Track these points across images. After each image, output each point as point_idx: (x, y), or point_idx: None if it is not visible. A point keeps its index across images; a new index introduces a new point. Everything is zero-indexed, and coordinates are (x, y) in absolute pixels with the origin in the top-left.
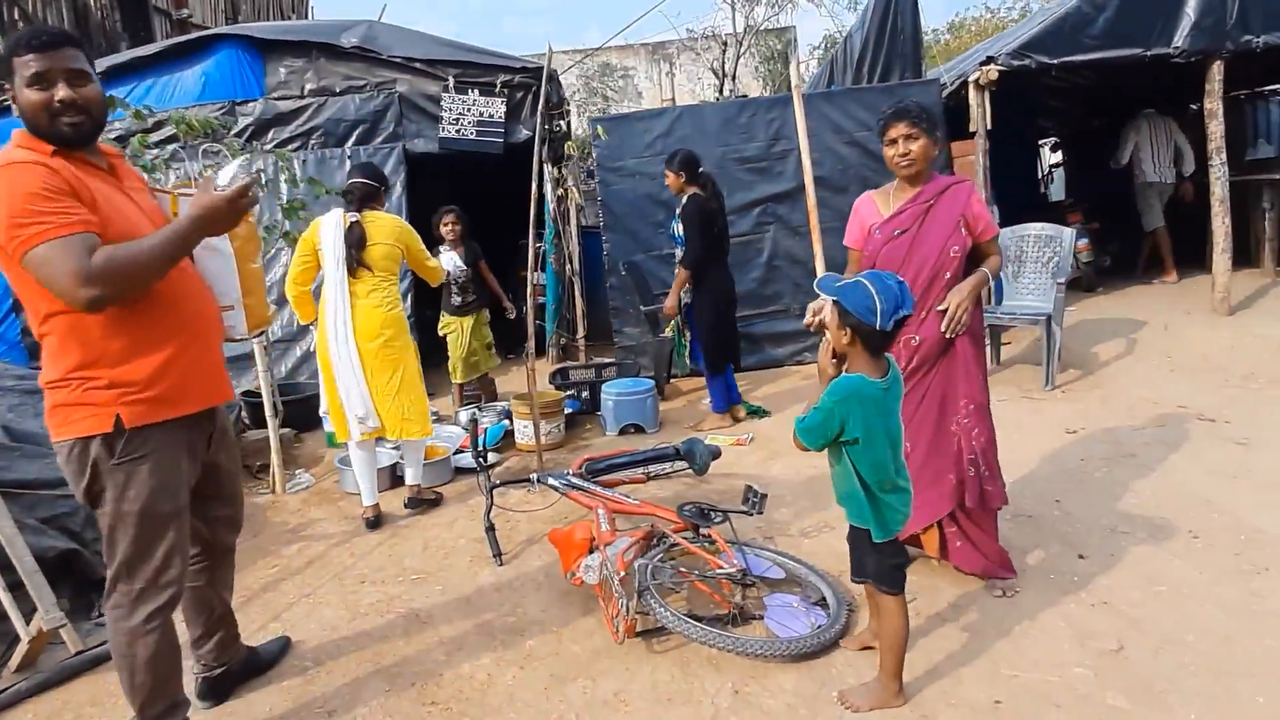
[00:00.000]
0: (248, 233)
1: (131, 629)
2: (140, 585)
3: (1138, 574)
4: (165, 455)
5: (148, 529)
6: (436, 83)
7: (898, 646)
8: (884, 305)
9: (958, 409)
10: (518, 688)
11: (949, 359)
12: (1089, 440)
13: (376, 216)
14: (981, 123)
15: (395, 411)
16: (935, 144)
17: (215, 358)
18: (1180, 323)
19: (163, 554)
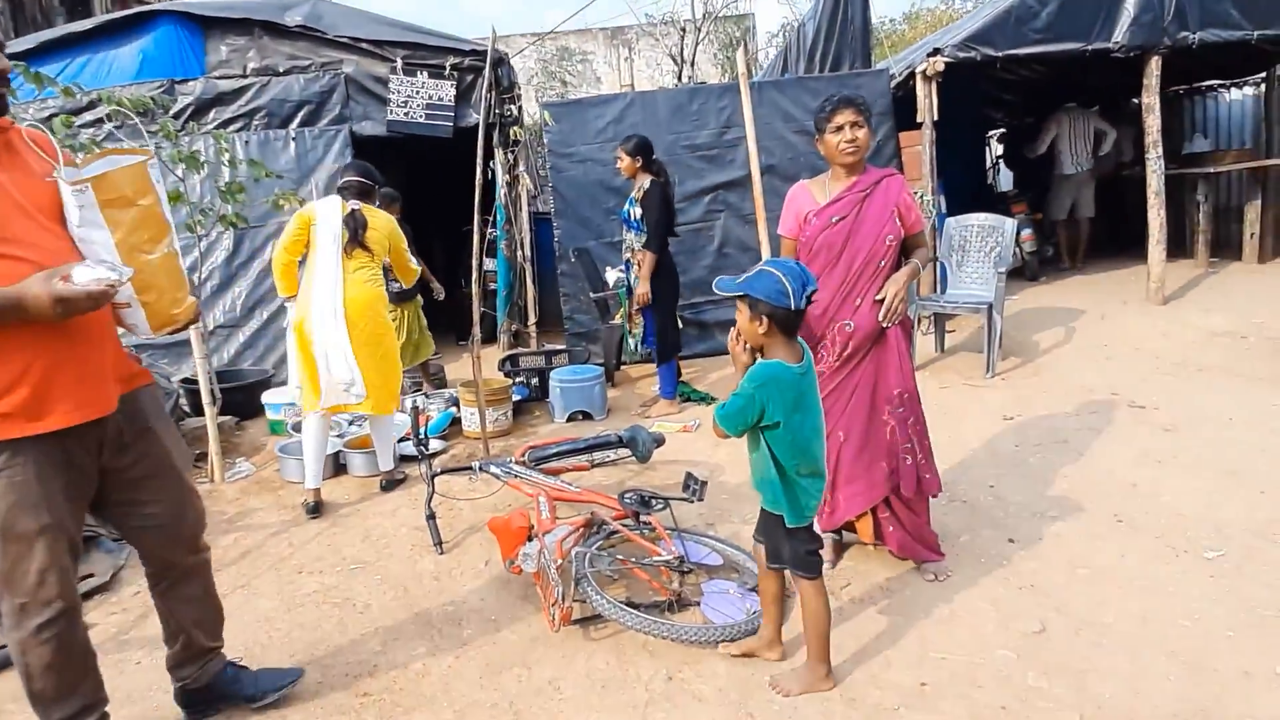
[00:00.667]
0: (138, 220)
1: (22, 640)
2: (21, 600)
3: (1063, 557)
4: (25, 471)
5: (12, 547)
6: (384, 64)
7: (821, 630)
8: (793, 285)
9: (891, 398)
10: (452, 677)
11: (881, 348)
12: (1025, 426)
13: (374, 212)
14: (928, 113)
15: (376, 383)
16: (872, 135)
17: (92, 366)
18: (1117, 312)
19: (36, 572)
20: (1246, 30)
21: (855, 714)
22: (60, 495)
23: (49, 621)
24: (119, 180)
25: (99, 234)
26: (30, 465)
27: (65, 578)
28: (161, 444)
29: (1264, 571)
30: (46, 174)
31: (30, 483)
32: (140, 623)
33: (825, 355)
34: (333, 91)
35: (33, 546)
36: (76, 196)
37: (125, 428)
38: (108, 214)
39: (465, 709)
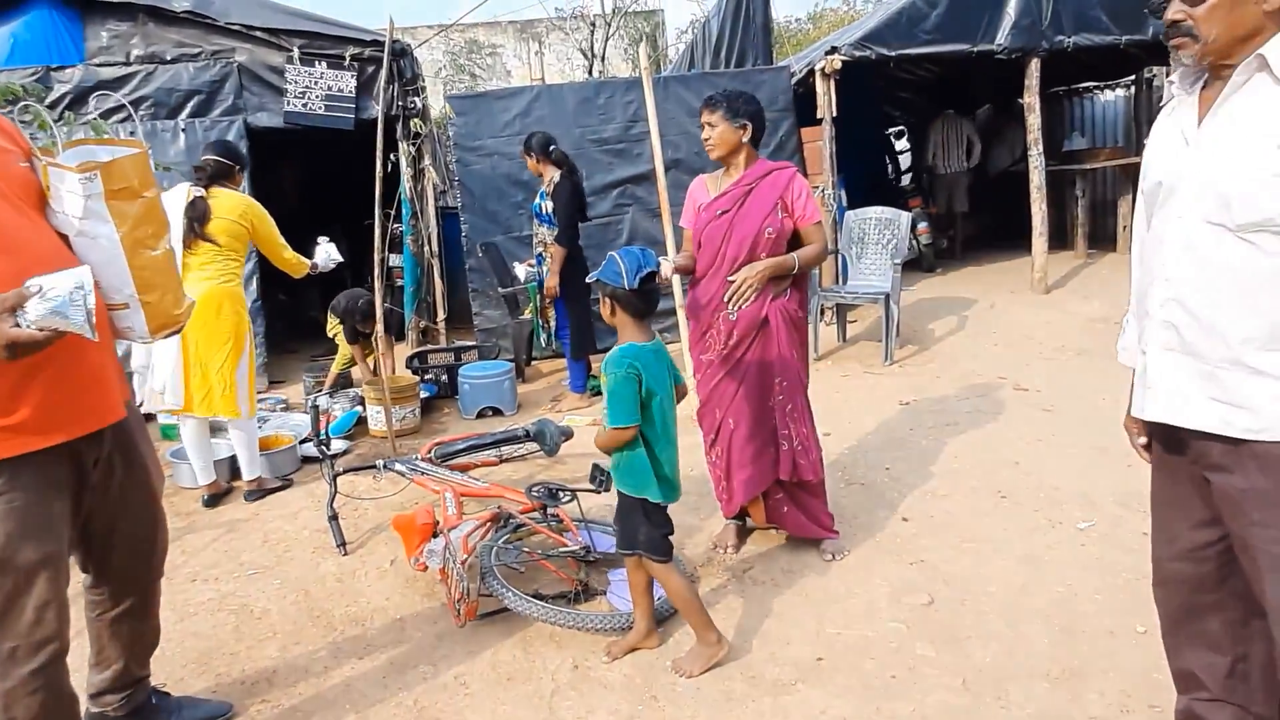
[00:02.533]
0: (142, 213)
1: (8, 691)
2: (11, 644)
3: (951, 533)
4: (26, 495)
5: (9, 582)
6: (280, 53)
7: (691, 604)
8: (628, 266)
9: (774, 386)
10: (355, 678)
11: (764, 338)
12: (919, 410)
13: (223, 193)
14: (827, 110)
15: (215, 387)
16: (740, 130)
17: (92, 373)
18: (1005, 301)
19: (34, 609)
20: (1116, 35)
21: (755, 690)
22: (59, 520)
23: (41, 667)
24: (127, 169)
25: (103, 227)
26: (32, 487)
27: (64, 614)
28: (144, 462)
29: (1128, 538)
30: (17, 160)
31: (32, 507)
32: None
33: (712, 344)
34: (225, 81)
35: (33, 580)
36: (84, 185)
37: (120, 443)
38: (112, 205)
39: (369, 710)
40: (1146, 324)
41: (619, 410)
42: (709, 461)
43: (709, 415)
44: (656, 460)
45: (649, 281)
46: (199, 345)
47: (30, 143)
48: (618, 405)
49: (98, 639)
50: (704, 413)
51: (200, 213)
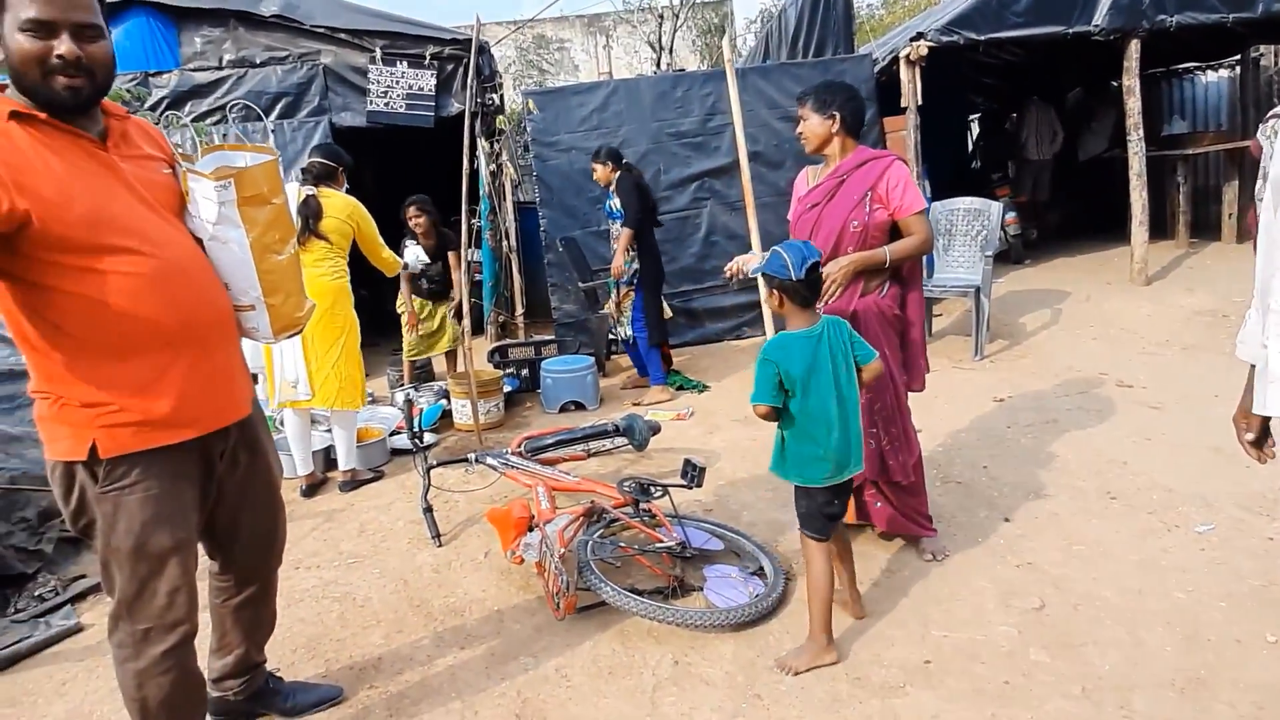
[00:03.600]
0: (270, 219)
1: (140, 671)
2: (144, 626)
3: (1059, 535)
4: (160, 484)
5: (144, 567)
6: (363, 54)
7: (822, 596)
8: (793, 259)
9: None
10: (458, 667)
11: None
12: (1015, 407)
13: (330, 193)
14: (912, 98)
15: (333, 379)
16: (829, 121)
17: (222, 370)
18: (1101, 293)
19: (166, 593)
20: (1222, 13)
21: (861, 693)
22: (191, 508)
23: (173, 648)
24: (258, 177)
25: (234, 232)
26: (166, 477)
27: (193, 597)
28: (266, 455)
29: (1252, 543)
30: (162, 167)
31: (166, 496)
32: None
33: None
34: (311, 82)
35: (165, 565)
36: (218, 192)
37: (244, 437)
38: (245, 211)
39: (473, 699)
40: (1270, 318)
41: (755, 390)
42: None
43: None
44: (812, 440)
45: (813, 271)
46: (314, 340)
47: (173, 149)
48: (757, 384)
49: (220, 624)
50: None
51: (314, 210)
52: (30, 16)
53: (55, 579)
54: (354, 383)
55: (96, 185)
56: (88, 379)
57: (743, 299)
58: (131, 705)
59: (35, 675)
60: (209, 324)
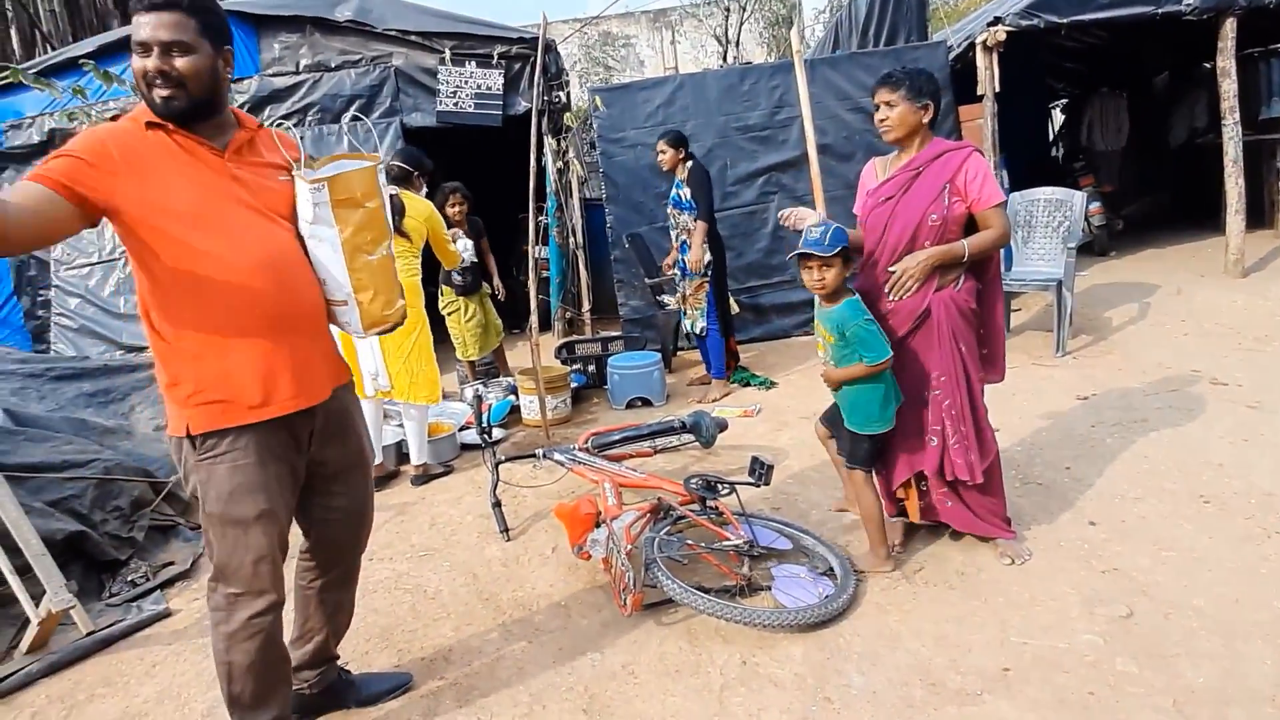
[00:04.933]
0: (364, 221)
1: (229, 633)
2: (234, 590)
3: (1147, 540)
4: (246, 457)
5: (230, 533)
6: (433, 55)
7: (872, 518)
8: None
9: (929, 381)
10: (526, 661)
11: (927, 331)
12: (1100, 406)
13: (411, 197)
14: (989, 85)
15: (405, 373)
16: (921, 110)
17: (307, 356)
18: (1193, 286)
19: (251, 561)
20: None
21: (936, 699)
22: (276, 483)
23: (259, 614)
24: (352, 181)
25: (328, 231)
26: (253, 450)
27: (277, 570)
28: (359, 440)
29: None
30: (279, 174)
31: (252, 468)
32: None
33: None
34: (383, 85)
35: (249, 533)
36: (313, 194)
37: (331, 421)
38: (338, 213)
39: (541, 692)
40: None
41: (877, 346)
42: None
43: None
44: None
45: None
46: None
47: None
48: (875, 342)
49: (305, 608)
50: None
51: (398, 208)
52: (135, 39)
53: (146, 565)
54: (427, 378)
55: (202, 188)
56: (186, 360)
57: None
58: (221, 669)
59: (127, 657)
60: (296, 315)
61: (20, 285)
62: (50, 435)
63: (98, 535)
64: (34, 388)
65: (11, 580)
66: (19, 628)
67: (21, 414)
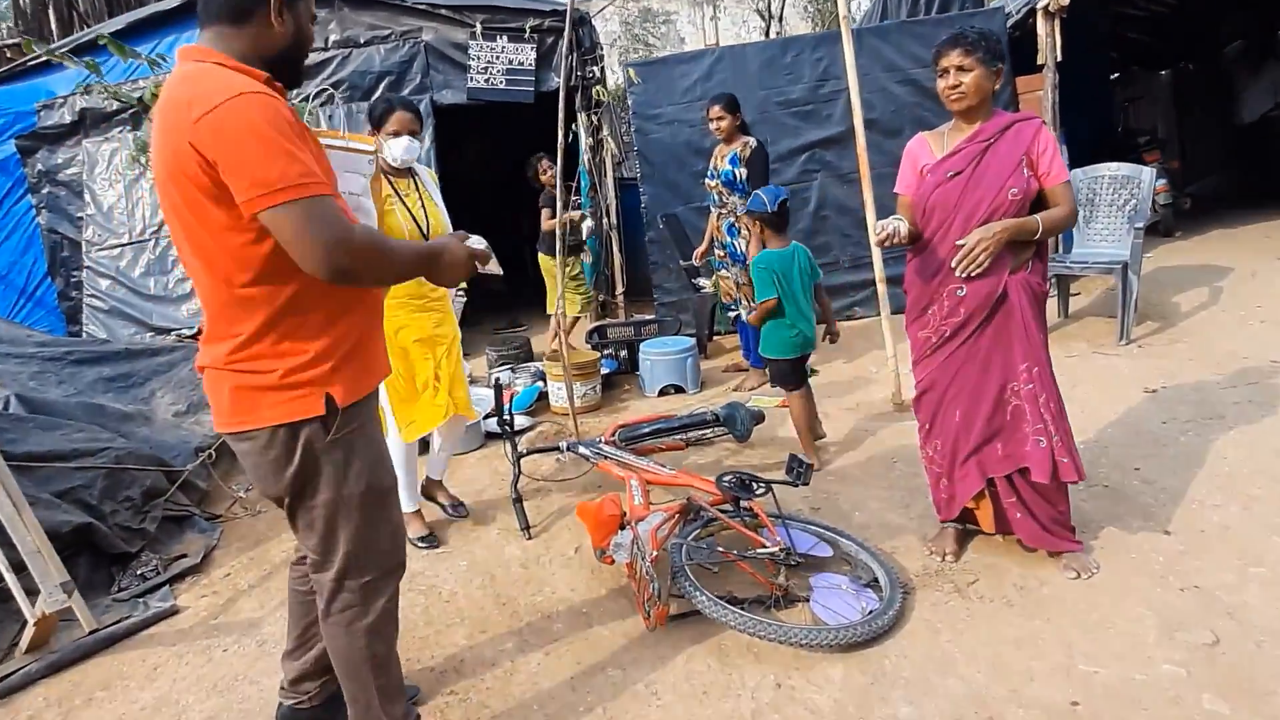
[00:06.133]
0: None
1: (370, 626)
2: (370, 577)
3: (1232, 554)
4: (373, 427)
5: (375, 508)
6: (463, 30)
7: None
8: (769, 197)
9: (1016, 373)
10: (542, 676)
11: (1004, 316)
12: (1171, 400)
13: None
14: (1050, 54)
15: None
16: (994, 76)
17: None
18: (1270, 269)
19: (390, 534)
20: None
21: None
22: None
23: (394, 594)
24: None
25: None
26: (372, 423)
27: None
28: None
29: None
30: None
31: (378, 439)
32: (229, 607)
33: (933, 320)
34: (413, 61)
35: (390, 502)
36: (369, 165)
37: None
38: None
39: (556, 712)
40: None
41: (762, 290)
42: (924, 456)
43: (928, 403)
44: (790, 327)
45: (783, 206)
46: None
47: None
48: (760, 287)
49: (303, 615)
50: (922, 400)
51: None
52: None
53: (157, 558)
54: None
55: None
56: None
57: (856, 277)
58: (364, 667)
59: (130, 658)
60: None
61: (54, 266)
62: (60, 423)
63: (106, 527)
64: (53, 371)
65: (9, 578)
66: (21, 626)
67: (35, 399)
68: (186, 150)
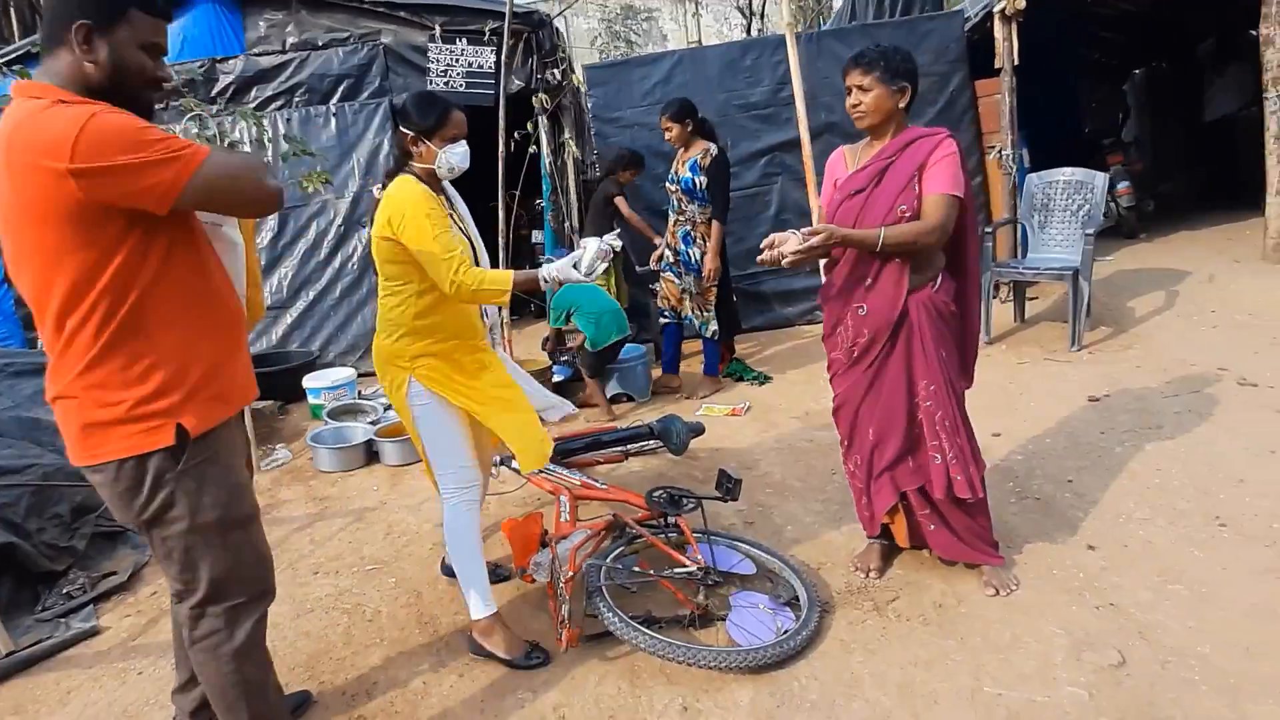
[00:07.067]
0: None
1: (236, 650)
2: (235, 602)
3: (1152, 569)
4: (228, 456)
5: (234, 535)
6: (423, 32)
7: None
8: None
9: (917, 390)
10: (452, 699)
11: (906, 335)
12: (1113, 409)
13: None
14: (1007, 58)
15: None
16: (898, 95)
17: (245, 354)
18: (1227, 273)
19: (254, 561)
20: None
21: None
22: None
23: (260, 619)
24: None
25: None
26: (229, 452)
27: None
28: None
29: None
30: None
31: (235, 467)
32: (150, 628)
33: (842, 339)
34: (372, 63)
35: (249, 531)
36: None
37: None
38: None
39: None
40: None
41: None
42: (847, 472)
43: (843, 419)
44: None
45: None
46: None
47: None
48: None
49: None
50: (839, 415)
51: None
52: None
53: (85, 577)
54: None
55: None
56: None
57: (814, 282)
58: (234, 693)
59: (45, 681)
60: (239, 310)
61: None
62: None
63: (30, 545)
64: None
65: None
66: None
67: None
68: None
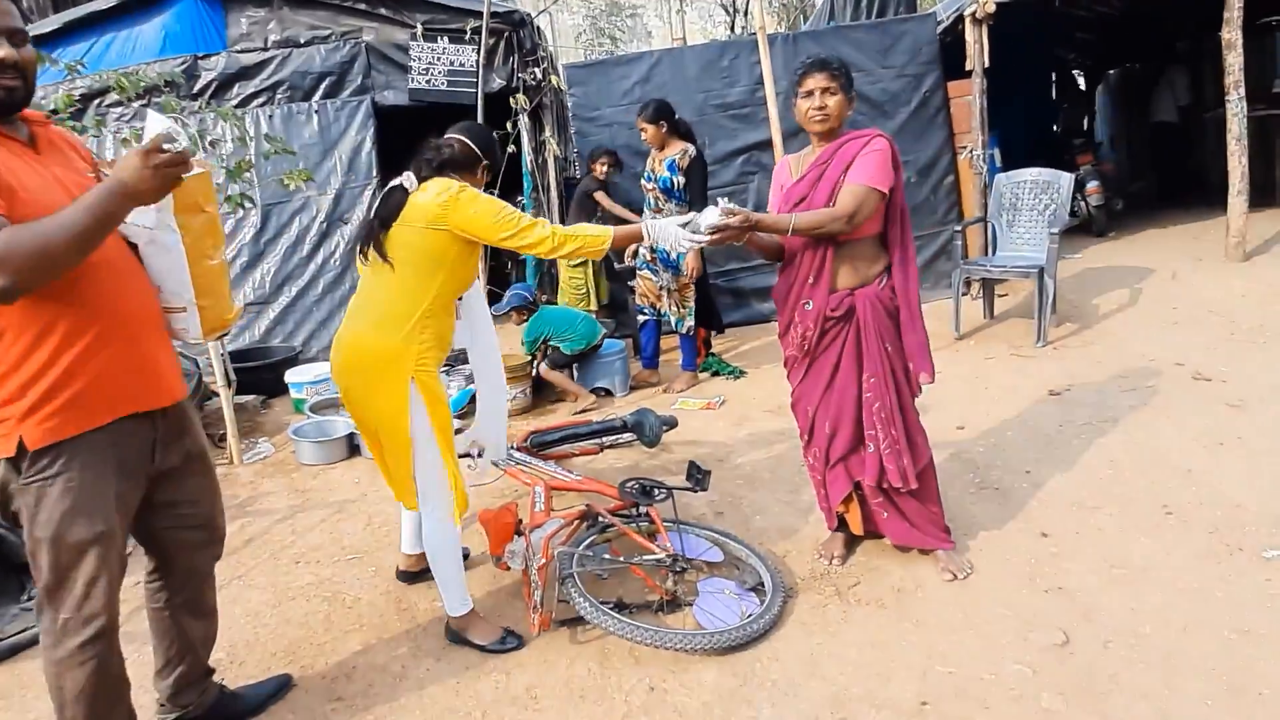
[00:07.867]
0: (204, 227)
1: (59, 661)
2: (64, 616)
3: (1099, 555)
4: (82, 473)
5: (62, 557)
6: (404, 30)
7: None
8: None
9: (862, 383)
10: (430, 681)
11: (852, 331)
12: (1072, 403)
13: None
14: (978, 60)
15: None
16: (850, 103)
17: (147, 358)
18: (1190, 270)
19: (83, 585)
20: None
21: None
22: (114, 500)
23: (89, 641)
24: (193, 187)
25: (170, 237)
26: (90, 467)
27: (112, 591)
28: (198, 436)
29: None
30: (86, 170)
31: (87, 487)
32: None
33: (794, 337)
34: (354, 61)
35: (83, 556)
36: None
37: (172, 425)
38: (179, 218)
39: (437, 716)
40: None
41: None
42: (807, 464)
43: (801, 412)
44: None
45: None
46: None
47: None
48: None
49: (164, 633)
50: (796, 410)
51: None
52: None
53: None
54: None
55: (39, 186)
56: (18, 369)
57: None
58: (53, 694)
59: (30, 667)
60: (133, 314)
61: None
62: None
63: (14, 536)
64: None
65: None
66: None
67: None
68: None
